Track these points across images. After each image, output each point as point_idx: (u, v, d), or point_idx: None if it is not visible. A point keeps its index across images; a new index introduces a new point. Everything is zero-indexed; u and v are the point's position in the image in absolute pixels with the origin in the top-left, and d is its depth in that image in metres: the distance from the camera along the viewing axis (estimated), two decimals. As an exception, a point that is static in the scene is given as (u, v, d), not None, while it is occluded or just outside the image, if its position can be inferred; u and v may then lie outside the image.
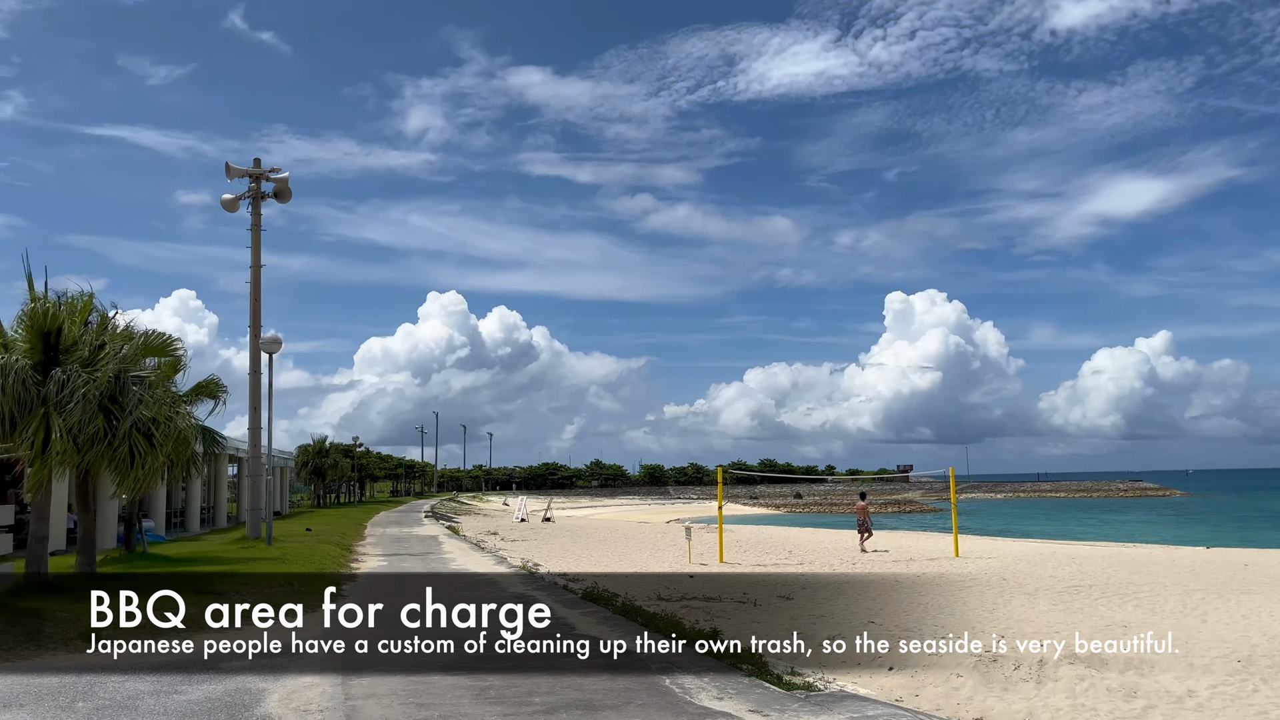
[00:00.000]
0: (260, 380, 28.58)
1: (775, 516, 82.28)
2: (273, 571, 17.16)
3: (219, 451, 27.94)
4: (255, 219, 28.34)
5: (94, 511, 17.27)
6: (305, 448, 70.73)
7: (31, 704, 8.23)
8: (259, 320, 28.51)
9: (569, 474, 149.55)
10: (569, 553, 27.48)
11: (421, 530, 38.98)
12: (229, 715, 7.86)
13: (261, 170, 28.14)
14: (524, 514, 54.30)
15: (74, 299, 15.79)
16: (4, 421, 13.98)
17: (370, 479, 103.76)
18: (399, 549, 27.59)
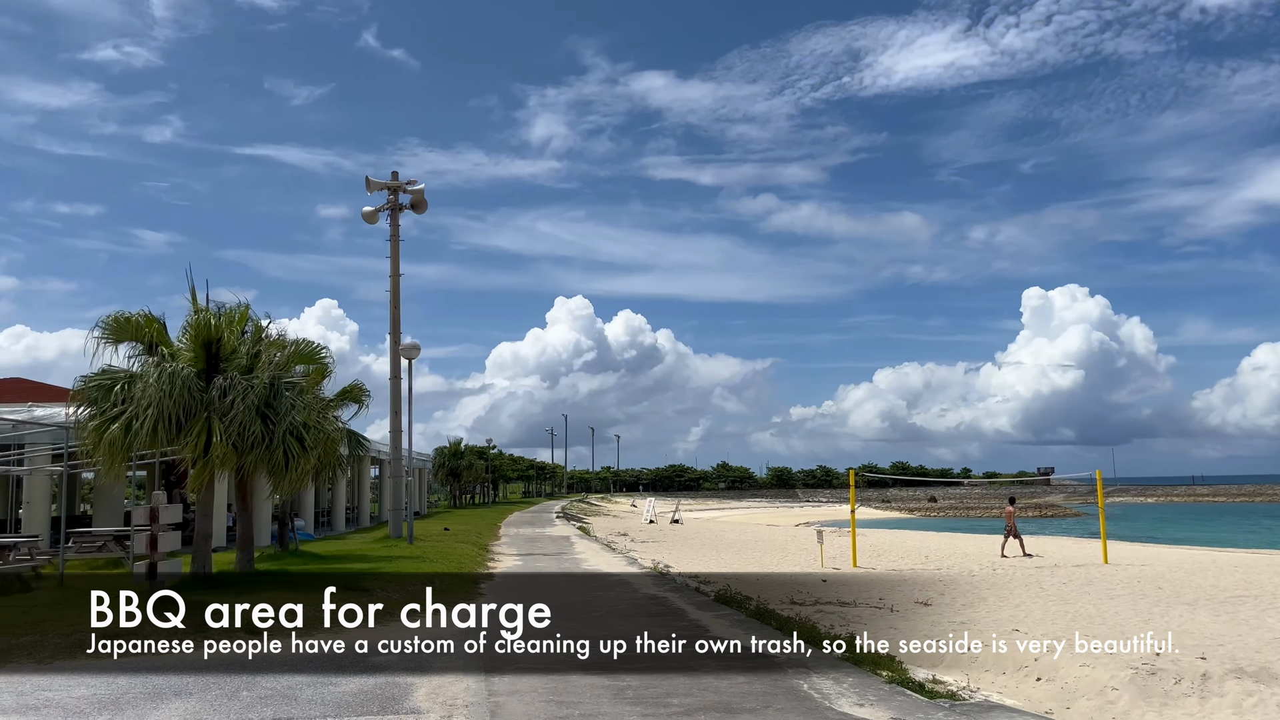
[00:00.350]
0: (400, 385, 29.68)
1: (908, 521, 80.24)
2: (415, 570, 17.78)
3: (362, 454, 29.17)
4: (394, 230, 29.47)
5: (252, 511, 18.27)
6: (442, 450, 73.06)
7: (199, 692, 8.76)
8: (399, 327, 29.61)
9: (695, 476, 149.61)
10: (699, 555, 27.49)
11: (553, 531, 39.70)
12: (380, 707, 8.19)
13: (399, 183, 29.23)
14: (652, 515, 54.60)
15: (231, 310, 16.75)
16: (171, 425, 14.93)
17: (503, 480, 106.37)
18: (533, 549, 28.17)
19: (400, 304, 29.71)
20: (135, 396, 14.95)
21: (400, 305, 29.71)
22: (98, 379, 15.49)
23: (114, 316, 15.85)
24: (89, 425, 15.37)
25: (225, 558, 19.23)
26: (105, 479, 21.08)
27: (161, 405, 14.62)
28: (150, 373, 15.04)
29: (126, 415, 14.91)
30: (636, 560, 23.75)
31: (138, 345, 16.12)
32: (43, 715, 8.02)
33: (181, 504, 21.52)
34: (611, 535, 37.24)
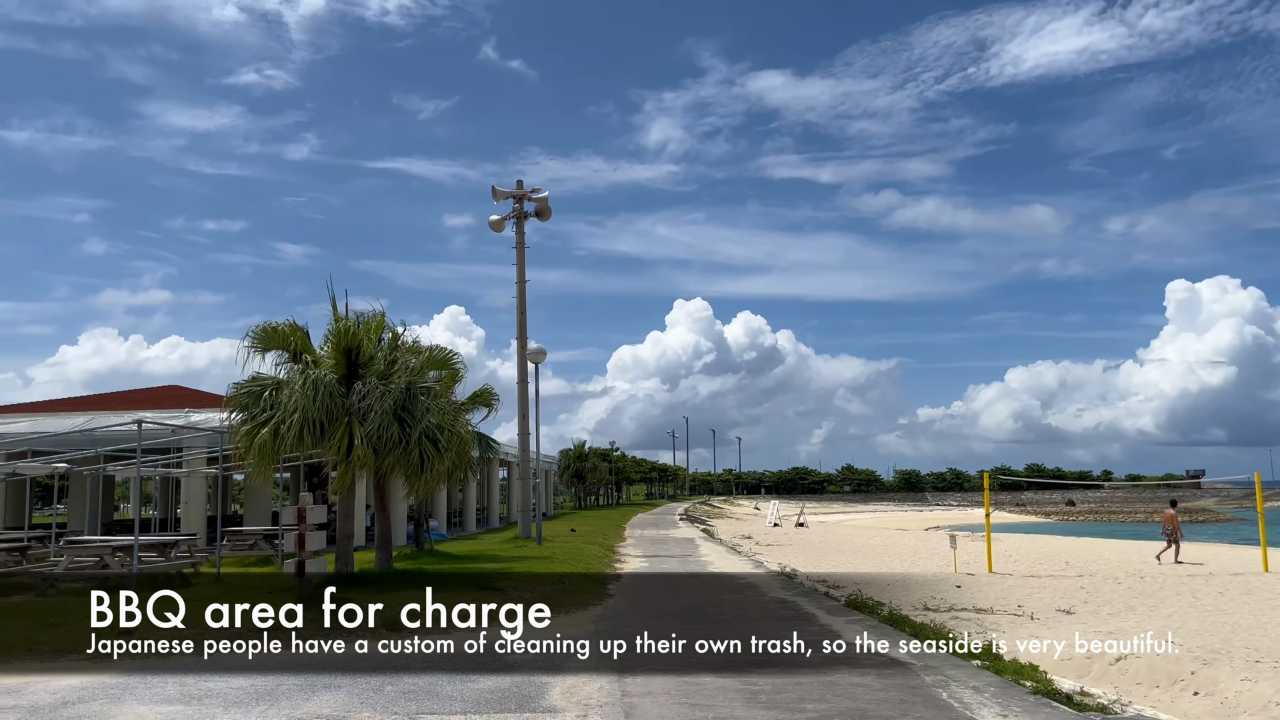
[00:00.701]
0: (527, 389, 30.30)
1: (1045, 525, 77.13)
2: (546, 570, 18.10)
3: (492, 456, 29.89)
4: (519, 237, 30.11)
5: (389, 511, 18.95)
6: (566, 452, 74.22)
7: (347, 686, 9.14)
8: (525, 333, 30.25)
9: (819, 479, 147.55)
10: (826, 558, 27.11)
11: (677, 533, 39.80)
12: (518, 705, 8.37)
13: (524, 191, 29.86)
14: (776, 518, 54.11)
15: (369, 318, 17.42)
16: (315, 429, 15.64)
17: (626, 482, 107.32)
18: (658, 550, 28.31)
19: (526, 310, 30.36)
20: (282, 402, 15.73)
21: (526, 311, 30.37)
22: (248, 386, 16.37)
23: (262, 326, 16.73)
24: (241, 430, 16.24)
25: (365, 556, 19.99)
26: (255, 480, 22.27)
27: (306, 410, 15.34)
28: (296, 379, 15.80)
29: (274, 420, 15.70)
30: (762, 563, 23.58)
31: (284, 353, 16.94)
32: (205, 705, 8.51)
33: (325, 505, 22.52)
34: (735, 538, 37.10)
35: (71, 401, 35.09)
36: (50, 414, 30.01)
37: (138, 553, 16.18)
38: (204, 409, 27.60)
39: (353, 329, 16.80)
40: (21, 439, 24.66)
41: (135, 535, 16.79)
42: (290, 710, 8.23)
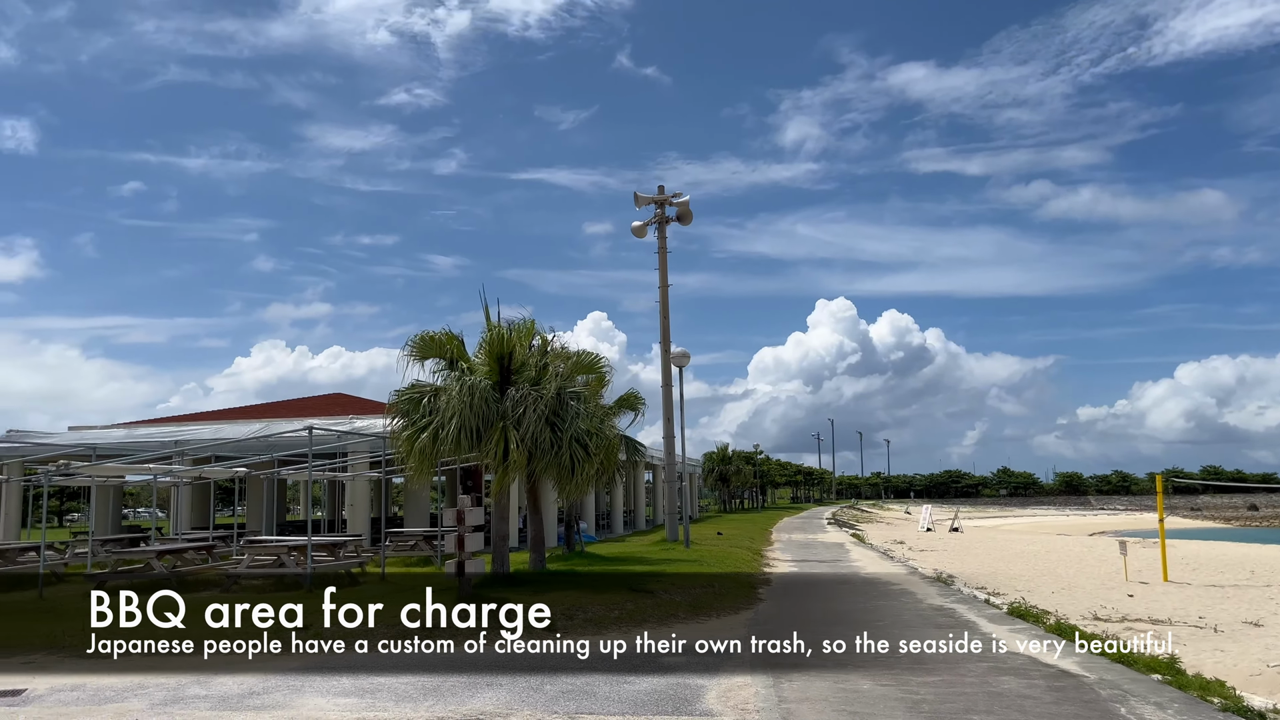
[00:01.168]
0: (671, 392, 30.43)
1: (1225, 531, 72.08)
2: (695, 573, 18.12)
3: (638, 459, 30.16)
4: (661, 242, 30.30)
5: (541, 513, 19.39)
6: (710, 455, 74.16)
7: (508, 684, 9.38)
8: (668, 336, 30.42)
9: (974, 482, 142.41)
10: (983, 565, 26.12)
11: (825, 536, 39.17)
12: (674, 707, 8.40)
13: (665, 196, 30.04)
14: (929, 523, 52.53)
15: (520, 325, 17.87)
16: (472, 434, 16.15)
17: (770, 485, 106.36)
18: (807, 555, 27.94)
19: (669, 313, 30.53)
20: (440, 408, 16.33)
21: (669, 315, 30.54)
22: (408, 393, 17.06)
23: (420, 336, 17.42)
24: (402, 435, 16.93)
25: (518, 557, 20.51)
26: (415, 483, 23.17)
27: (463, 416, 15.87)
28: (452, 386, 16.37)
29: (433, 425, 16.31)
30: (916, 569, 22.92)
31: (441, 361, 17.58)
32: (376, 698, 8.90)
33: (481, 507, 23.24)
34: (887, 543, 36.21)
35: (247, 410, 37.43)
36: (229, 421, 32.11)
37: (311, 552, 17.09)
38: (366, 415, 28.94)
39: (505, 336, 17.27)
40: (205, 445, 26.48)
41: (309, 536, 17.75)
42: (456, 706, 8.52)
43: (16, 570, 20.15)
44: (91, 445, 25.98)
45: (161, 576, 17.86)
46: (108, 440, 27.80)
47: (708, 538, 31.95)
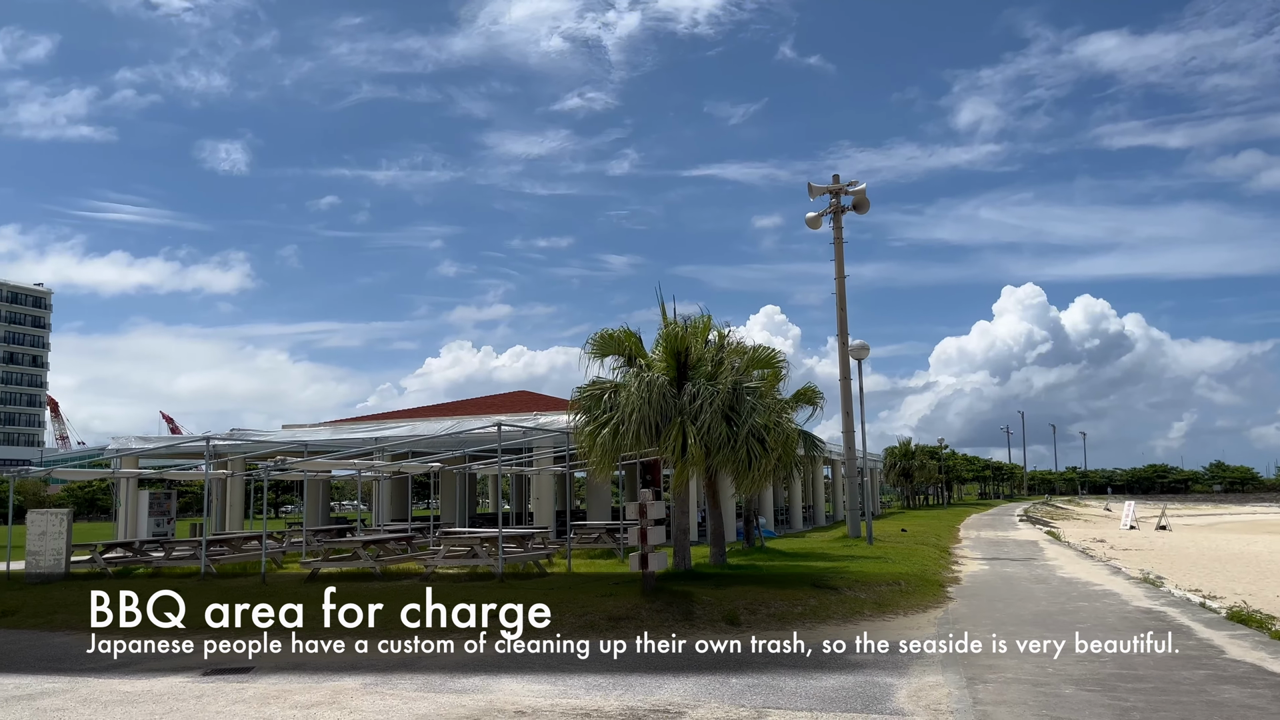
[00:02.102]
0: (850, 386, 29.86)
1: None
2: (879, 570, 17.72)
3: (816, 454, 29.75)
4: (837, 232, 29.77)
5: (720, 508, 19.45)
6: (891, 450, 72.27)
7: (693, 678, 9.47)
8: (845, 328, 29.85)
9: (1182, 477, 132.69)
10: (1197, 566, 24.27)
11: (1018, 534, 37.43)
12: (863, 704, 8.26)
13: (840, 185, 29.50)
14: (1133, 521, 49.26)
15: (695, 321, 17.97)
16: (651, 429, 16.38)
17: (957, 481, 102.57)
18: (998, 553, 26.79)
19: (846, 305, 29.95)
20: (620, 404, 16.64)
21: (846, 306, 29.95)
22: (589, 389, 17.48)
23: (599, 334, 17.80)
24: (584, 430, 17.37)
25: (698, 551, 20.64)
26: (596, 477, 23.71)
27: (642, 411, 16.12)
28: (631, 382, 16.66)
29: (614, 420, 16.64)
30: (1120, 570, 21.56)
31: (619, 358, 17.90)
32: (568, 685, 9.19)
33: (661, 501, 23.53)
34: (1085, 541, 34.22)
35: (438, 408, 39.35)
36: (422, 419, 33.86)
37: (501, 544, 17.81)
38: (549, 411, 29.84)
39: (681, 332, 17.42)
40: (402, 442, 28.02)
41: (499, 528, 18.51)
42: (643, 696, 8.69)
43: (242, 558, 21.98)
44: (303, 442, 28.01)
45: (367, 566, 19.05)
46: (316, 438, 29.89)
47: (891, 534, 31.15)
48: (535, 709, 8.26)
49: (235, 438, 29.84)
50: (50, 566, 19.96)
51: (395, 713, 8.20)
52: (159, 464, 34.32)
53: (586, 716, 8.00)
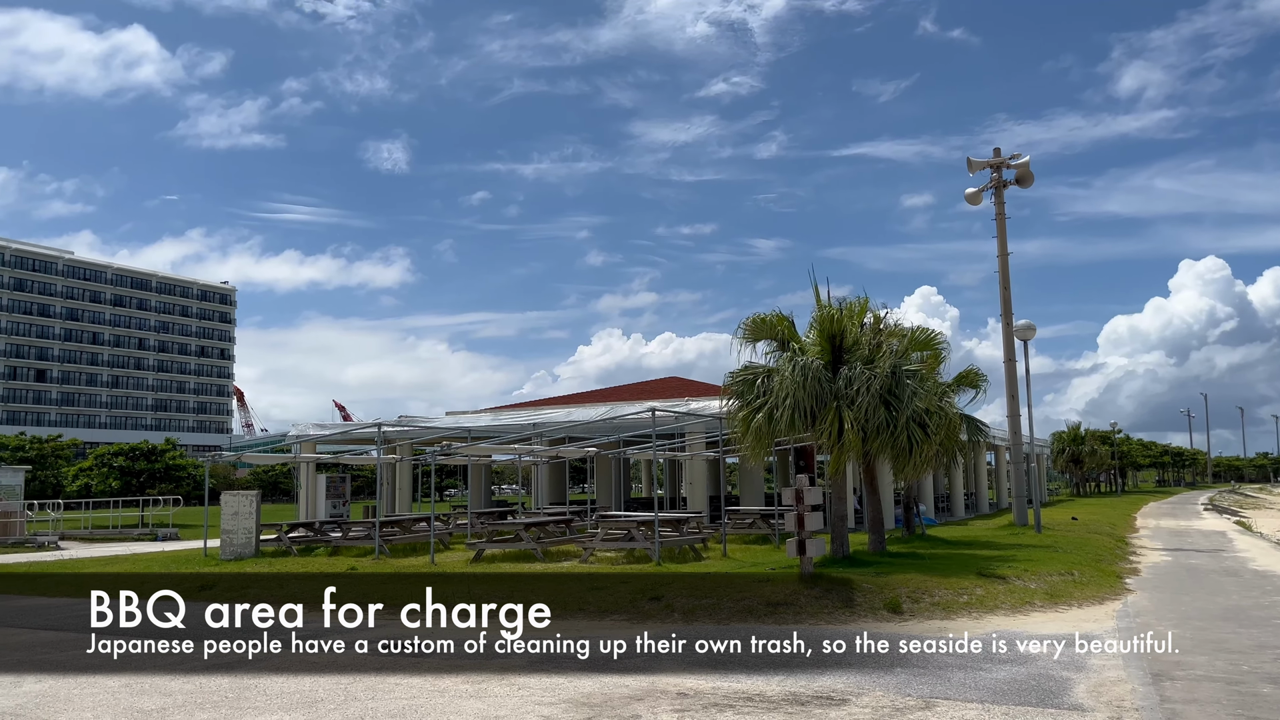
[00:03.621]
0: (1015, 368, 28.64)
1: None
2: (1050, 559, 16.97)
3: (980, 439, 28.69)
4: (999, 208, 28.54)
5: (879, 494, 19.03)
6: (1060, 435, 68.95)
7: (857, 664, 9.31)
8: (1009, 308, 28.62)
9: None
10: None
11: (1201, 524, 35.08)
12: (1039, 699, 7.93)
13: (1002, 160, 28.25)
14: (1335, 510, 45.33)
15: (851, 304, 17.62)
16: (806, 414, 16.18)
17: (1132, 468, 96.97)
18: (1180, 543, 25.19)
19: (1009, 283, 28.70)
20: (773, 389, 16.51)
21: (1010, 285, 28.70)
22: (742, 374, 17.40)
23: (751, 318, 17.69)
24: (737, 415, 17.32)
25: (856, 538, 20.28)
26: (750, 463, 23.67)
27: (796, 396, 15.94)
28: (785, 367, 16.49)
29: (767, 405, 16.52)
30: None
31: (772, 342, 17.75)
32: (729, 669, 9.20)
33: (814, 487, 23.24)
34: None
35: (591, 394, 40.07)
36: (577, 405, 34.57)
37: (658, 528, 18.00)
38: (700, 397, 29.91)
39: (836, 315, 17.11)
40: (559, 427, 28.70)
41: (655, 511, 18.71)
42: (805, 681, 8.61)
43: (412, 539, 23.04)
44: (466, 428, 29.08)
45: (529, 548, 19.63)
46: (477, 424, 30.97)
47: (1060, 523, 29.75)
48: (697, 690, 8.32)
49: (403, 424, 31.25)
50: (242, 544, 21.47)
51: (561, 689, 8.42)
52: (334, 449, 36.35)
53: (749, 699, 8.00)
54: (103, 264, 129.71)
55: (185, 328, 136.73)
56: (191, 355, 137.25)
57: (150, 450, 46.35)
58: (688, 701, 7.97)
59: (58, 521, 38.86)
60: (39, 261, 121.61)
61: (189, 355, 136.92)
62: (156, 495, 42.54)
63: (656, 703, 7.93)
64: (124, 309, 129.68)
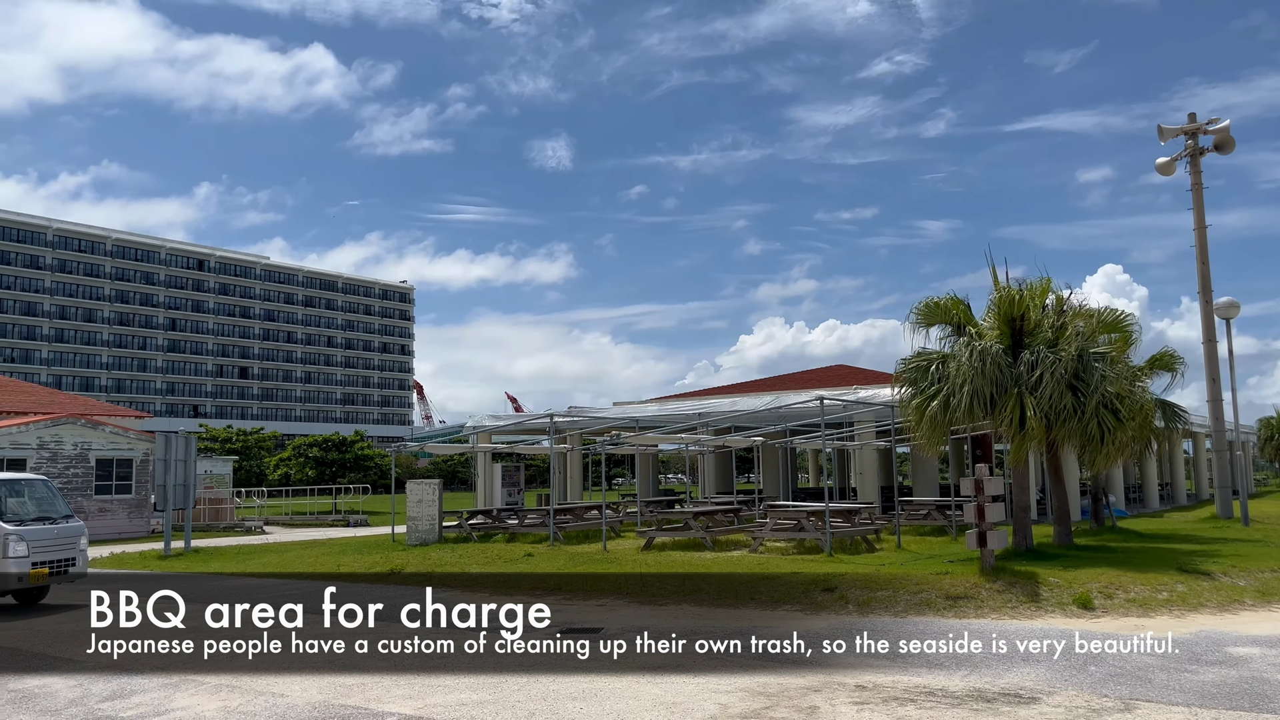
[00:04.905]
0: (1215, 349, 26.60)
1: None
2: (1261, 554, 15.68)
3: (1176, 426, 26.80)
4: (1195, 177, 26.51)
5: (1064, 485, 18.10)
6: (1268, 421, 63.48)
7: (1046, 661, 8.89)
8: (1209, 284, 26.57)
9: None
10: None
11: None
12: (1252, 703, 7.35)
13: (1198, 125, 26.22)
14: None
15: (1031, 285, 16.80)
16: (984, 401, 15.54)
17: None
18: None
19: (1208, 258, 26.64)
20: (949, 375, 15.93)
21: (1208, 260, 26.64)
22: (915, 360, 16.88)
23: (924, 302, 17.13)
24: (910, 403, 16.82)
25: (1039, 530, 19.36)
26: (924, 452, 22.94)
27: (974, 382, 15.33)
28: (961, 352, 15.88)
29: (943, 392, 15.96)
30: None
31: (946, 327, 17.14)
32: (909, 663, 8.97)
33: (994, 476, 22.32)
34: None
35: (756, 383, 39.86)
36: (741, 394, 34.46)
37: (829, 518, 17.74)
38: (868, 385, 29.25)
39: (1015, 297, 16.36)
40: (724, 416, 28.69)
41: (826, 502, 18.44)
42: (991, 677, 8.29)
43: (584, 526, 23.60)
44: (633, 418, 29.51)
45: (698, 537, 19.74)
46: (643, 414, 31.36)
47: (1270, 516, 27.43)
48: (876, 684, 8.15)
49: (573, 414, 32.01)
50: (426, 530, 22.56)
51: (736, 678, 8.43)
52: (508, 439, 37.64)
53: (930, 694, 7.78)
54: (294, 268, 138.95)
55: (369, 325, 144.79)
56: (374, 351, 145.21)
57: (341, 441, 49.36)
58: (866, 694, 7.83)
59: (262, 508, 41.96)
60: (240, 267, 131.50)
61: (372, 351, 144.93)
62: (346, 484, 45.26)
63: (834, 694, 7.82)
64: (314, 309, 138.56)
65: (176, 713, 7.53)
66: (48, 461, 29.09)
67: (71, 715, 7.46)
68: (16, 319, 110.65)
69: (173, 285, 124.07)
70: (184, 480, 22.57)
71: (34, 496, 14.29)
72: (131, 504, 31.39)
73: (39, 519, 13.81)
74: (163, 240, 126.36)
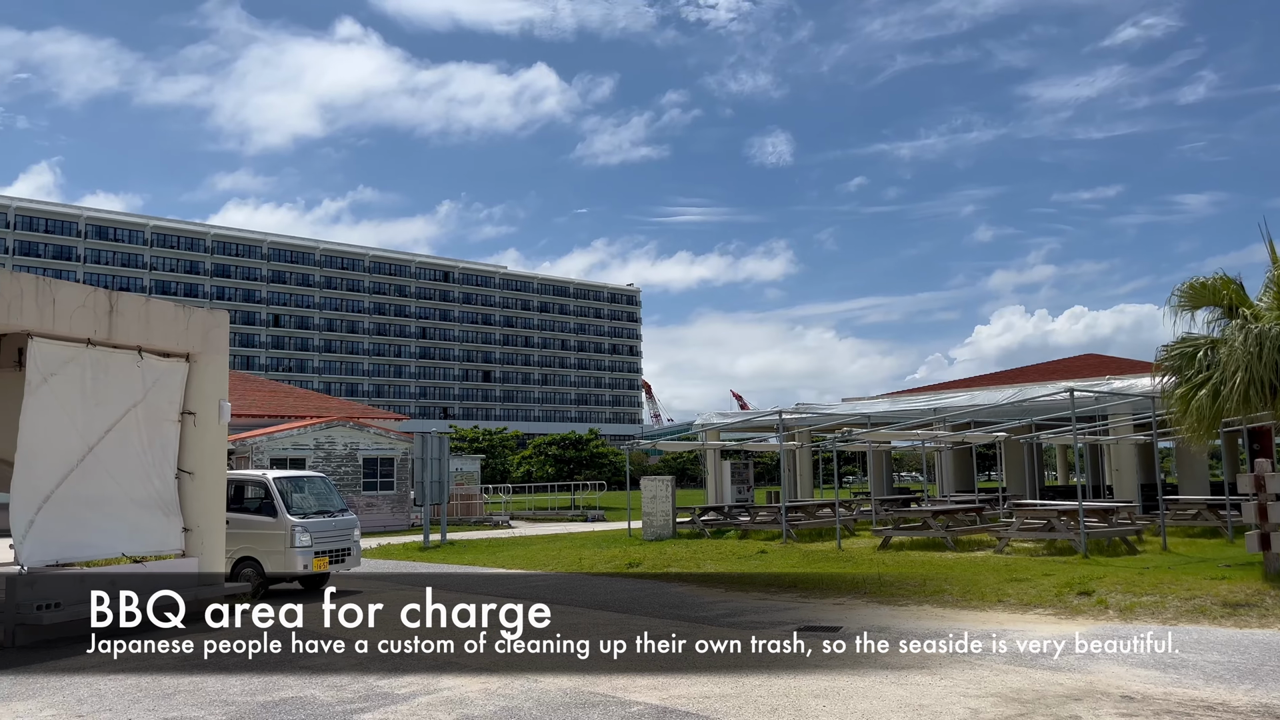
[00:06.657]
0: None
1: None
2: None
3: None
4: None
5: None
6: None
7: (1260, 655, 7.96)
8: None
9: None
10: None
11: None
12: None
13: None
14: None
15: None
16: (1263, 390, 14.05)
17: None
18: None
19: None
20: (1219, 361, 14.52)
21: None
22: (1178, 347, 15.49)
23: (1189, 284, 15.67)
24: (1174, 393, 15.45)
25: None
26: (1190, 446, 21.03)
27: (1250, 369, 13.87)
28: (1234, 336, 14.42)
29: (1212, 381, 14.56)
30: None
31: (1214, 309, 15.63)
32: (1183, 673, 8.28)
33: (1275, 473, 20.12)
34: None
35: (995, 376, 37.92)
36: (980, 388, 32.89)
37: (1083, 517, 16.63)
38: (1122, 375, 27.17)
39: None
40: (962, 411, 27.50)
41: (1080, 500, 17.30)
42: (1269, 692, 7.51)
43: (816, 524, 23.36)
44: (864, 414, 28.87)
45: (938, 536, 19.07)
46: (875, 410, 30.60)
47: None
48: (1144, 695, 7.58)
49: (801, 411, 31.74)
50: (660, 526, 23.10)
51: (987, 683, 8.10)
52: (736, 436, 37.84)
53: (1209, 708, 7.15)
54: (529, 275, 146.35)
55: (599, 328, 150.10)
56: (605, 353, 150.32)
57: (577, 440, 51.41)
58: (1134, 705, 7.30)
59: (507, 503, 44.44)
60: (480, 277, 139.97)
61: (603, 353, 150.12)
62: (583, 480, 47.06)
63: (1098, 704, 7.35)
64: (548, 314, 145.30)
65: (444, 692, 8.13)
66: (323, 460, 32.13)
67: (355, 691, 8.23)
68: (293, 332, 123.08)
69: (422, 296, 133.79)
70: (439, 477, 24.28)
71: (314, 492, 15.84)
72: (393, 499, 34.12)
73: (319, 512, 15.29)
74: (412, 255, 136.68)
